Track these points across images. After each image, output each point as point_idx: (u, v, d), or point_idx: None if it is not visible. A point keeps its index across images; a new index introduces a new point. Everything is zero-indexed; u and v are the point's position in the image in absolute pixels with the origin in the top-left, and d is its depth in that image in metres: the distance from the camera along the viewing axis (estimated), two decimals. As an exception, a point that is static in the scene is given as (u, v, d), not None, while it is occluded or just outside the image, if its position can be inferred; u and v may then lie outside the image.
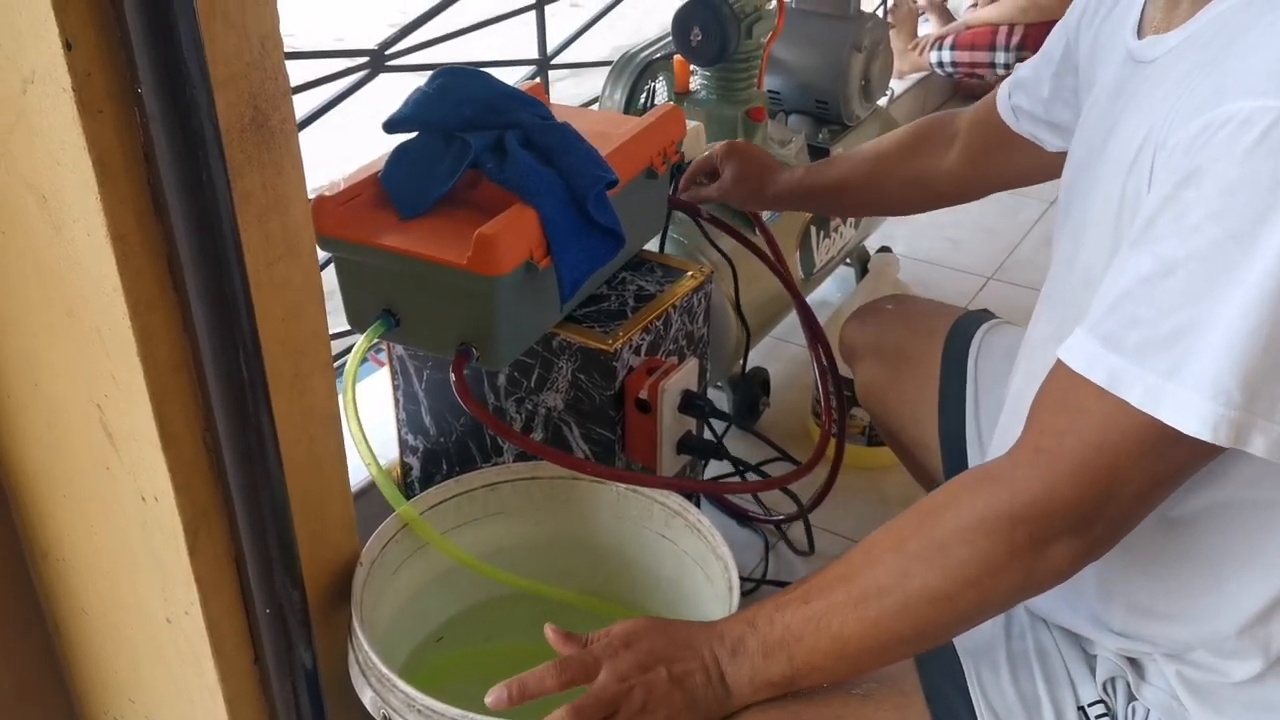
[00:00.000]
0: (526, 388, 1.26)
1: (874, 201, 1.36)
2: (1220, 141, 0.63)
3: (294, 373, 0.86)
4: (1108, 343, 0.67)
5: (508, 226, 1.03)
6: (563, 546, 1.15)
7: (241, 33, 0.74)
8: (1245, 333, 0.62)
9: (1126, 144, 0.74)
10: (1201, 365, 0.64)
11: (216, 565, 0.87)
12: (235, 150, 0.76)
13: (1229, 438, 0.64)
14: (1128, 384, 0.66)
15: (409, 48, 1.55)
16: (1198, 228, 0.63)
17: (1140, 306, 0.66)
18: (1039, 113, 1.08)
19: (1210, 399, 0.64)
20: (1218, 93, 0.65)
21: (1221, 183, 0.62)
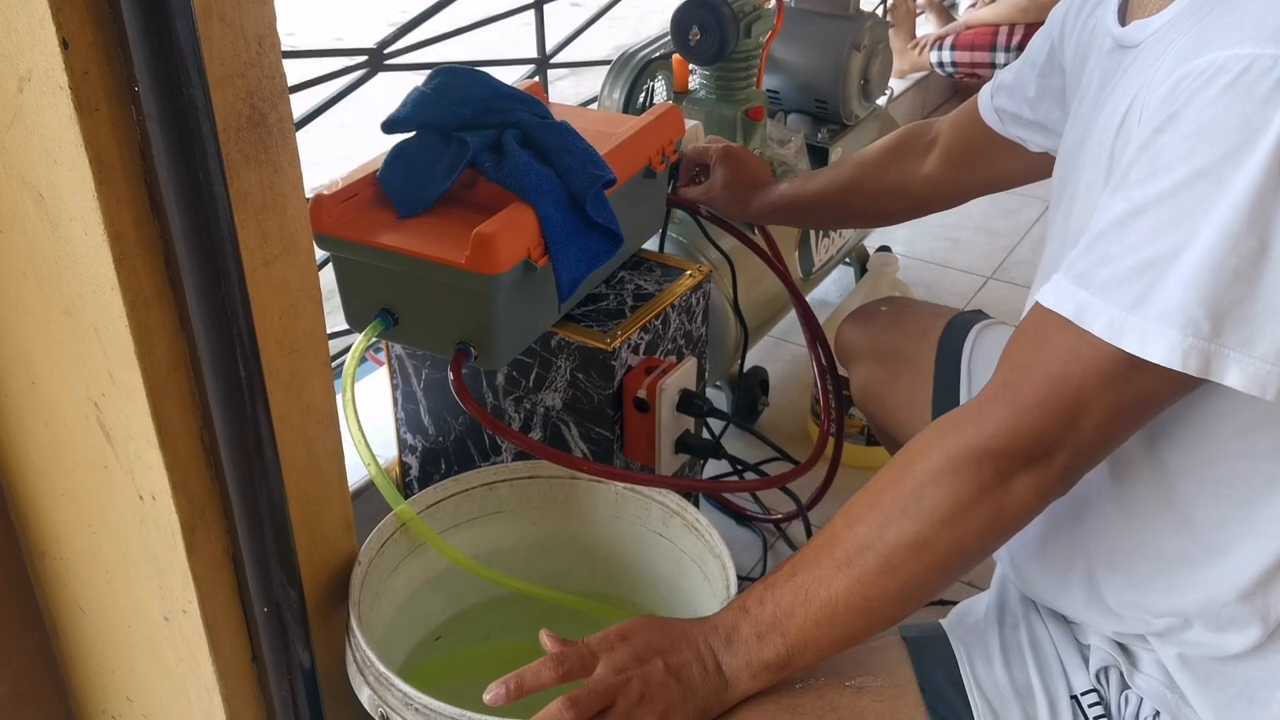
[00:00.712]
0: (525, 387, 1.26)
1: (853, 212, 1.36)
2: (1196, 88, 0.65)
3: (291, 372, 0.86)
4: (1078, 280, 0.69)
5: (506, 226, 1.02)
6: (561, 546, 1.15)
7: (238, 32, 0.73)
8: (1211, 265, 0.64)
9: (1113, 114, 0.75)
10: (1166, 297, 0.65)
11: (214, 564, 0.87)
12: (232, 149, 0.76)
13: (1198, 367, 0.65)
14: (1092, 316, 0.68)
15: (407, 47, 1.55)
16: (1169, 167, 0.65)
17: (1111, 245, 0.68)
18: (1024, 114, 1.08)
19: (1176, 329, 0.65)
20: (1199, 45, 0.67)
21: (1193, 124, 0.64)
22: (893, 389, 1.20)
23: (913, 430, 1.18)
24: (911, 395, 1.16)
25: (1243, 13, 0.67)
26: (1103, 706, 0.83)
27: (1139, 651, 0.84)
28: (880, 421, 1.25)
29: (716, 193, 1.38)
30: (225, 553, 0.88)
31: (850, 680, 0.86)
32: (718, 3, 1.54)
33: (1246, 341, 0.65)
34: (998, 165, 1.15)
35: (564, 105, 1.42)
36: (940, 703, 0.85)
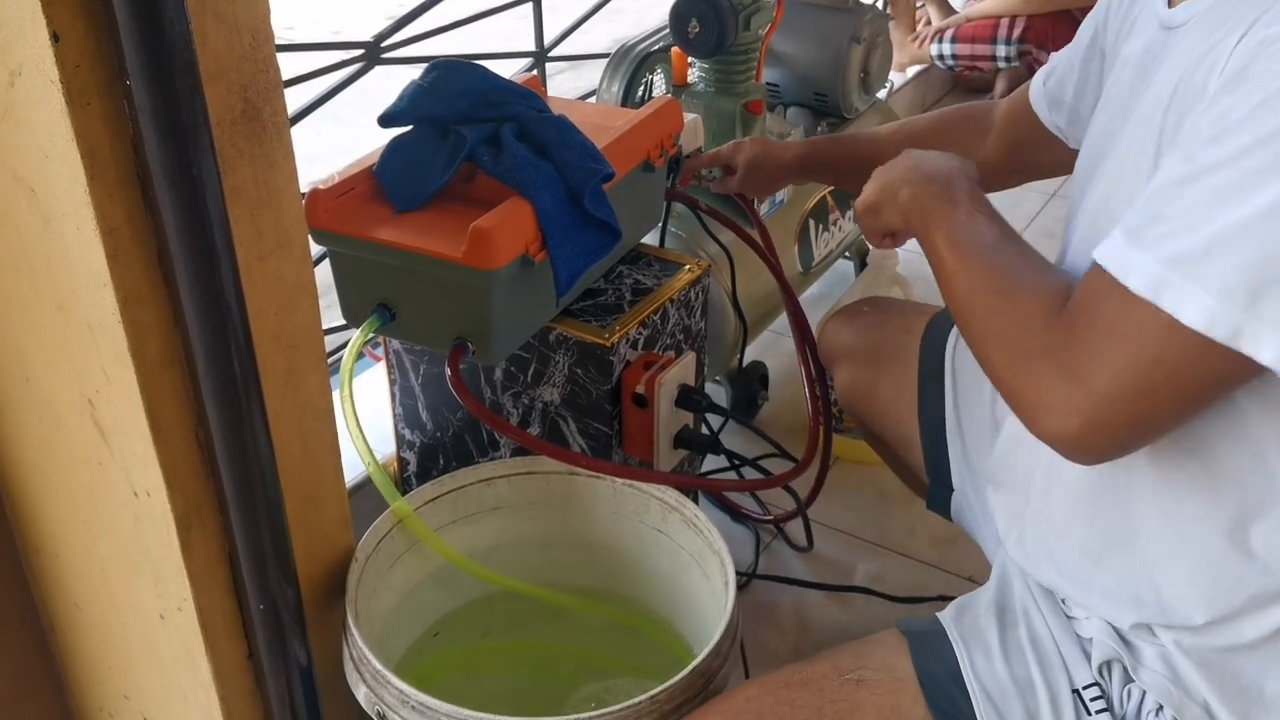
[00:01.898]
0: (523, 382, 1.25)
1: None
2: (1271, 54, 0.64)
3: (287, 368, 0.86)
4: (1129, 236, 0.69)
5: (503, 220, 1.02)
6: (559, 542, 1.14)
7: (232, 26, 0.73)
8: (1263, 239, 0.63)
9: (1159, 93, 0.74)
10: (1210, 262, 0.64)
11: (209, 561, 0.87)
12: (226, 143, 0.75)
13: (1226, 337, 0.64)
14: (1135, 272, 0.67)
15: (404, 40, 1.55)
16: (1230, 132, 0.64)
17: (1166, 204, 0.67)
18: (1068, 100, 1.07)
19: (1213, 295, 0.64)
20: (1266, 16, 0.66)
21: (1262, 92, 0.63)
22: (878, 389, 1.20)
23: (899, 430, 1.19)
24: (897, 393, 1.16)
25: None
26: (1105, 701, 0.83)
27: (1141, 645, 0.83)
28: (867, 422, 1.25)
29: (746, 176, 1.37)
30: (221, 549, 0.87)
31: (849, 673, 0.87)
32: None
33: None
34: (1044, 154, 1.14)
35: (562, 99, 1.41)
36: (940, 697, 0.85)
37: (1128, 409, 0.69)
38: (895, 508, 1.62)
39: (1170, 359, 0.67)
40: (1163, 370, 0.67)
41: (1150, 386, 0.68)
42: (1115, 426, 0.71)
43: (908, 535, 1.58)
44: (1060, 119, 1.09)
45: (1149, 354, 0.67)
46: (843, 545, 1.57)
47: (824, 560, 1.54)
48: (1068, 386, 0.71)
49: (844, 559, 1.54)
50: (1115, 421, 0.70)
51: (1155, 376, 0.68)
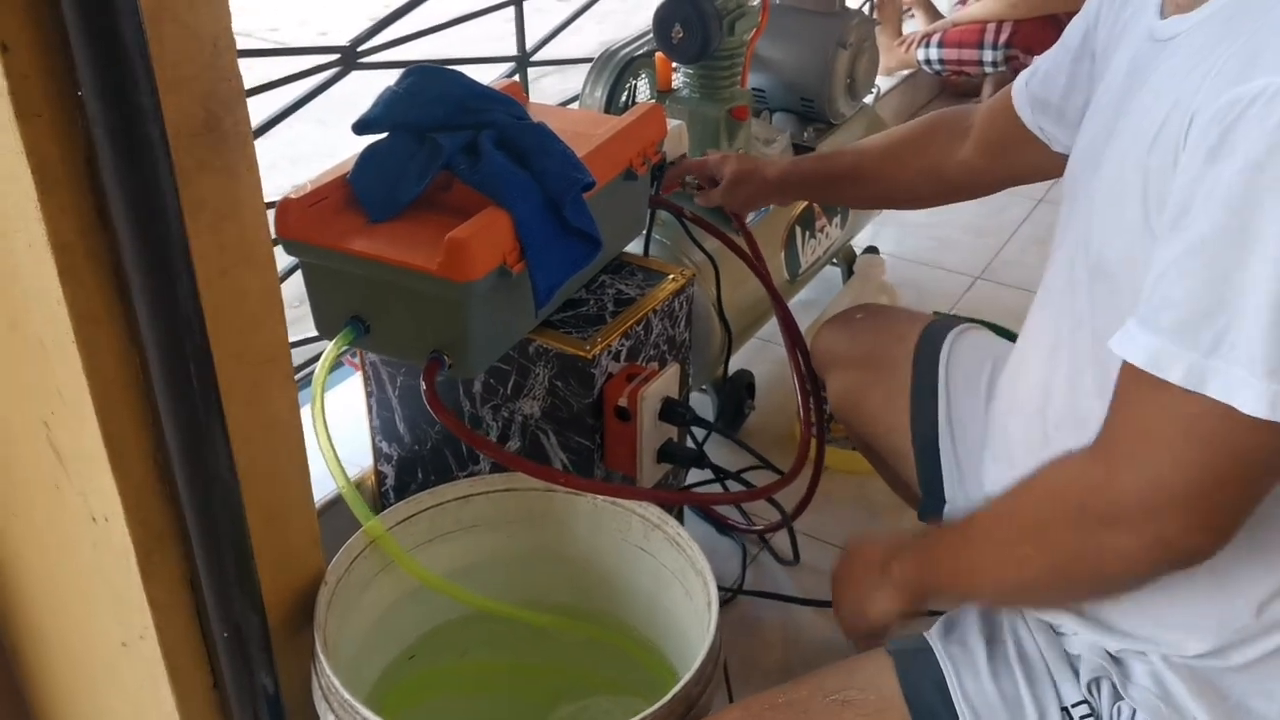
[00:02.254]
0: (503, 395, 1.22)
1: (884, 191, 1.32)
2: (1252, 116, 0.62)
3: (252, 385, 0.83)
4: (1145, 323, 0.67)
5: (480, 231, 0.99)
6: (539, 560, 1.12)
7: (192, 33, 0.70)
8: None
9: (1145, 119, 0.72)
10: (1246, 340, 0.63)
11: (171, 588, 0.84)
12: (185, 155, 0.72)
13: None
14: (1168, 363, 0.66)
15: (383, 44, 1.52)
16: (1227, 203, 0.63)
17: (1175, 287, 0.65)
18: (1054, 101, 1.05)
19: (1264, 378, 0.62)
20: (1248, 65, 0.64)
21: (1250, 156, 0.62)
22: (870, 397, 1.18)
23: (890, 439, 1.17)
24: (889, 403, 1.14)
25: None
26: (1094, 718, 0.82)
27: (1131, 663, 0.82)
28: (859, 430, 1.23)
29: (730, 188, 1.35)
30: (183, 576, 0.84)
31: (835, 694, 0.86)
32: (700, 0, 1.50)
33: None
34: (1030, 157, 1.11)
35: (543, 105, 1.39)
36: (928, 716, 0.83)
37: (1212, 501, 0.68)
38: (884, 518, 1.60)
39: (1236, 447, 0.65)
40: (1231, 459, 0.66)
41: (1223, 477, 0.67)
42: (1210, 521, 0.69)
43: (896, 547, 1.55)
44: (1045, 121, 1.07)
45: (1214, 447, 0.66)
46: (830, 557, 1.52)
47: (811, 573, 1.51)
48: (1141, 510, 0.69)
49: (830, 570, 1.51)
50: (1207, 517, 0.69)
51: (1224, 466, 0.66)
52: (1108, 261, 0.77)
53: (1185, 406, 0.65)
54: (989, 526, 0.82)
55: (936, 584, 0.87)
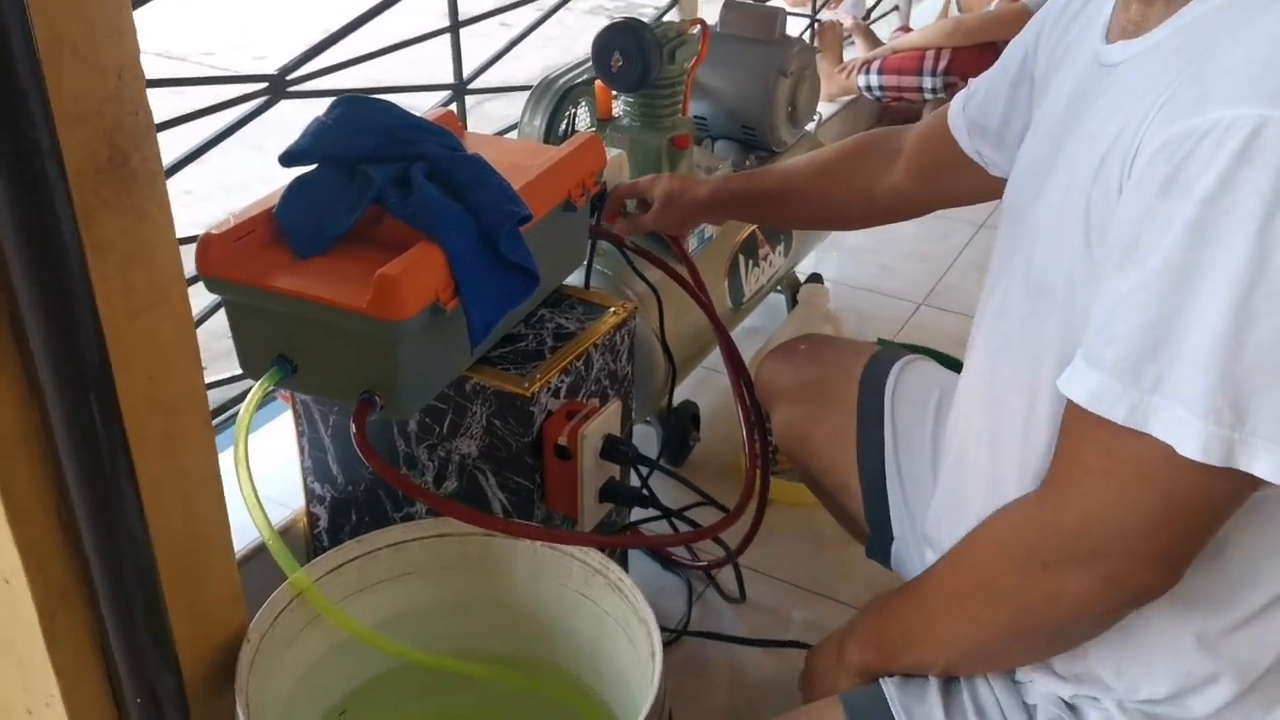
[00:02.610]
0: (439, 434, 1.18)
1: (813, 212, 1.31)
2: (1203, 151, 0.61)
3: (164, 434, 0.78)
4: (1090, 360, 0.66)
5: (411, 267, 0.96)
6: (477, 607, 1.07)
7: (94, 65, 0.66)
8: (1231, 346, 0.60)
9: (1090, 146, 0.71)
10: (1185, 379, 0.62)
11: (79, 652, 0.79)
12: (89, 194, 0.68)
13: (1221, 455, 0.61)
14: (1110, 402, 0.65)
15: (316, 71, 1.47)
16: (1177, 238, 0.62)
17: (1120, 323, 0.64)
18: (993, 126, 1.04)
19: (1199, 418, 0.61)
20: (1199, 99, 0.62)
21: (1202, 192, 0.60)
22: (816, 430, 1.16)
23: (837, 474, 1.15)
24: (834, 437, 1.13)
25: (1241, 57, 0.63)
26: None
27: (1086, 709, 0.81)
28: (804, 463, 1.21)
29: (660, 211, 1.32)
30: (91, 638, 0.79)
31: None
32: (639, 28, 1.49)
33: (1276, 431, 0.61)
34: (963, 181, 1.10)
35: (480, 135, 1.36)
36: None
37: (1160, 539, 0.67)
38: (831, 551, 1.58)
39: (1180, 486, 0.64)
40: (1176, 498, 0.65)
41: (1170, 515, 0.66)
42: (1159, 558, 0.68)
43: (844, 580, 1.53)
44: (984, 145, 1.06)
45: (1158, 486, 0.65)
46: (778, 592, 1.52)
47: (758, 609, 1.48)
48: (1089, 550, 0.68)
49: (779, 607, 1.49)
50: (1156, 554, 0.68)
51: (1169, 505, 0.65)
52: (1048, 286, 0.76)
53: (1129, 445, 0.64)
54: (940, 587, 0.80)
55: (894, 658, 0.85)
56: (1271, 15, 0.63)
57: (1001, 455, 0.84)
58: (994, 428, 0.85)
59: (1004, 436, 0.84)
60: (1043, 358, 0.77)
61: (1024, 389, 0.80)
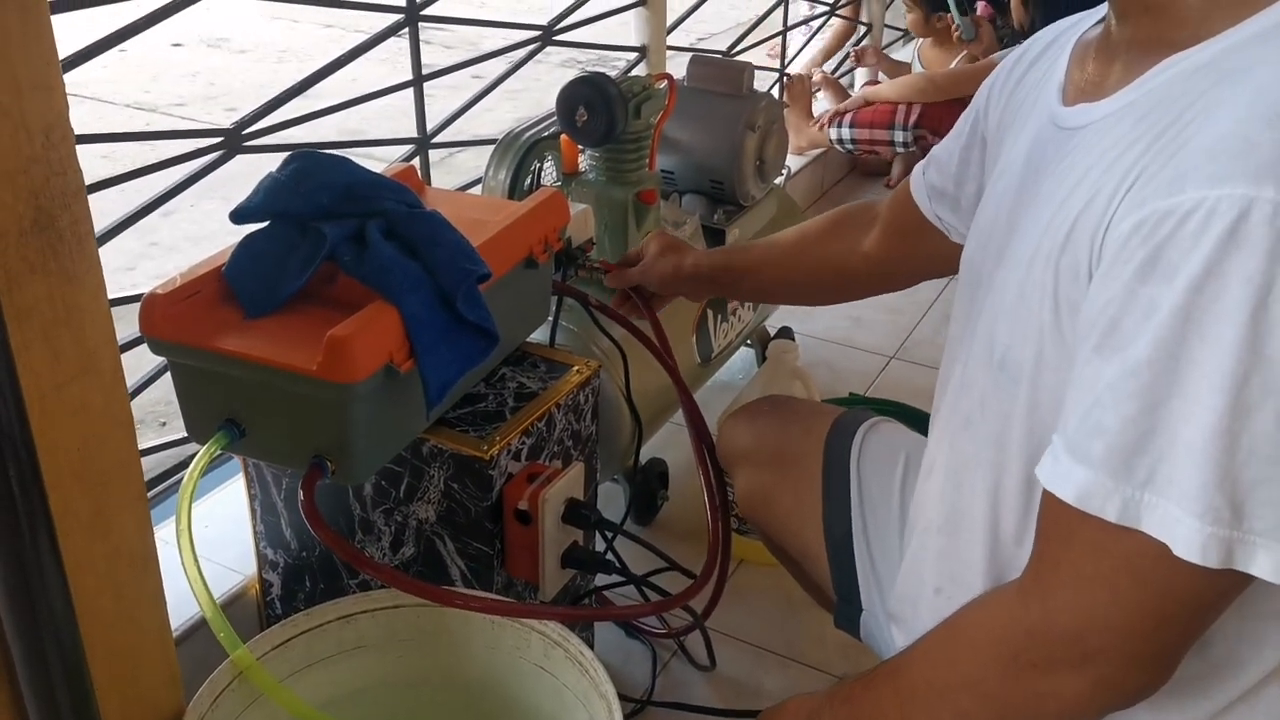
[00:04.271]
0: (395, 498, 1.14)
1: (788, 286, 1.28)
2: (1187, 233, 0.58)
3: (94, 510, 0.74)
4: (1075, 453, 0.62)
5: (364, 327, 0.92)
6: (431, 682, 1.03)
7: (18, 123, 0.63)
8: (1224, 443, 0.57)
9: (1056, 216, 0.69)
10: (1180, 476, 0.58)
11: (-4, 742, 0.74)
12: (12, 257, 0.65)
13: (1219, 558, 0.58)
14: (1101, 499, 0.61)
15: (276, 125, 1.45)
16: (1163, 326, 0.58)
17: (1108, 414, 0.61)
18: (949, 190, 1.03)
19: (1197, 517, 0.58)
20: (1175, 178, 0.60)
21: (1188, 278, 0.57)
22: (779, 496, 1.12)
23: (802, 541, 1.11)
24: (799, 502, 1.09)
25: (1212, 132, 0.60)
26: None
27: None
28: (767, 530, 1.17)
29: (650, 266, 1.30)
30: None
31: None
32: (605, 82, 1.47)
33: (1274, 526, 0.57)
34: (929, 248, 1.08)
35: (442, 191, 1.33)
36: None
37: (1154, 640, 0.64)
38: (802, 613, 1.53)
39: (1176, 586, 0.61)
40: (1171, 599, 0.62)
41: (1165, 616, 0.63)
42: (1153, 659, 0.65)
43: (817, 645, 1.49)
44: (942, 210, 1.05)
45: (1153, 587, 0.62)
46: (748, 658, 1.47)
47: (727, 678, 1.44)
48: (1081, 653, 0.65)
49: (749, 675, 1.44)
50: (1149, 655, 0.65)
51: (1165, 606, 0.62)
52: (1013, 362, 0.73)
53: (1121, 543, 0.61)
54: (918, 681, 0.76)
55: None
56: (1242, 88, 0.61)
57: (964, 539, 0.81)
58: (955, 509, 0.83)
59: (967, 520, 0.81)
60: (1008, 437, 0.74)
61: (988, 469, 0.77)
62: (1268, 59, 0.61)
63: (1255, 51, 0.62)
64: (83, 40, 1.19)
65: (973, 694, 0.72)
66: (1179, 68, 0.66)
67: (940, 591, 0.85)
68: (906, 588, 0.92)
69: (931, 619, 0.83)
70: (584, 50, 4.35)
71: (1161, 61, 0.67)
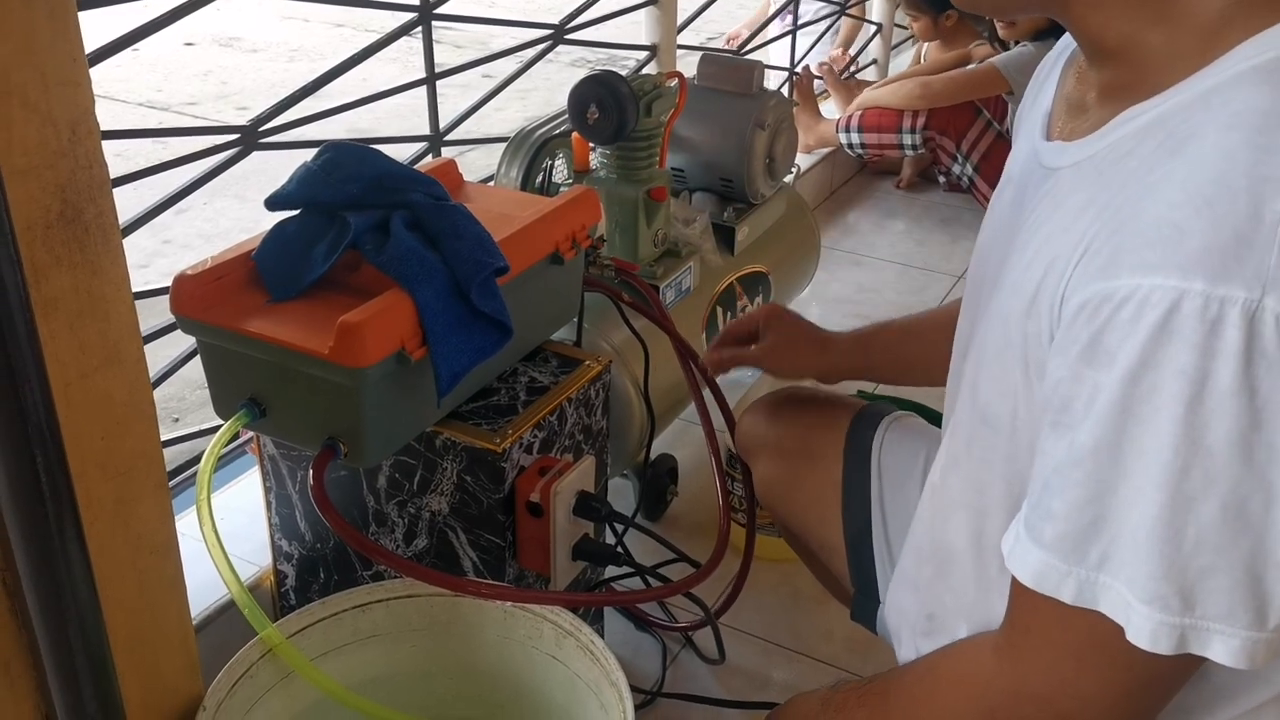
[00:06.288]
0: (409, 490, 1.15)
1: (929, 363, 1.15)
2: (1121, 320, 0.57)
3: (117, 498, 0.75)
4: (1032, 534, 0.63)
5: (377, 314, 0.94)
6: (444, 671, 1.04)
7: (45, 118, 0.64)
8: (1166, 533, 0.57)
9: (1024, 278, 0.68)
10: (1128, 562, 0.59)
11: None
12: (39, 249, 0.66)
13: (1171, 645, 0.59)
14: (1056, 581, 0.62)
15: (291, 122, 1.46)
16: (1104, 414, 0.58)
17: (1056, 499, 0.61)
18: None
19: (1145, 603, 0.58)
20: (1112, 259, 0.59)
21: (1124, 367, 0.57)
22: (799, 488, 1.13)
23: (821, 532, 1.11)
24: (819, 495, 1.10)
25: (1147, 213, 0.58)
26: None
27: None
28: (786, 520, 1.18)
29: (770, 352, 1.24)
30: (35, 711, 0.76)
31: None
32: (616, 80, 1.49)
33: (1227, 612, 0.58)
34: None
35: (477, 185, 1.34)
36: None
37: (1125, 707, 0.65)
38: (811, 608, 1.54)
39: (1136, 662, 0.61)
40: (1135, 672, 0.63)
41: (1131, 687, 0.64)
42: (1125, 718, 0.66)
43: (824, 639, 1.50)
44: None
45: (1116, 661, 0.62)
46: (756, 652, 1.48)
47: (736, 671, 1.45)
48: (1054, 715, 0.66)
49: (758, 668, 1.45)
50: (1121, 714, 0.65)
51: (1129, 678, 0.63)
52: (993, 417, 0.74)
53: (1083, 619, 0.62)
54: (902, 713, 0.77)
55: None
56: (1179, 162, 0.59)
57: (954, 574, 0.82)
58: (941, 545, 0.83)
59: (952, 556, 0.82)
60: (990, 485, 0.75)
61: (971, 513, 0.78)
62: (1207, 127, 0.59)
63: (1198, 117, 0.60)
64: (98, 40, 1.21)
65: None
66: (1135, 123, 0.64)
67: (932, 618, 0.86)
68: (899, 601, 0.93)
69: (923, 642, 0.86)
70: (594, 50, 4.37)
71: (1123, 112, 0.66)
